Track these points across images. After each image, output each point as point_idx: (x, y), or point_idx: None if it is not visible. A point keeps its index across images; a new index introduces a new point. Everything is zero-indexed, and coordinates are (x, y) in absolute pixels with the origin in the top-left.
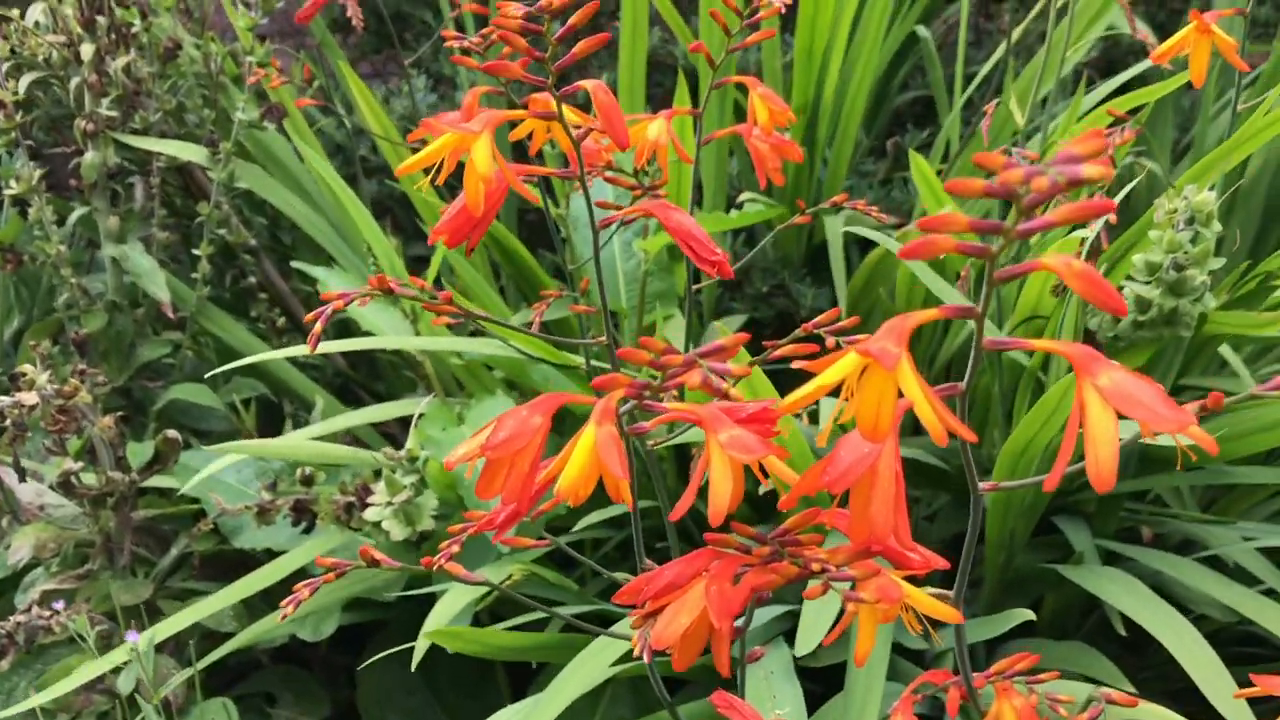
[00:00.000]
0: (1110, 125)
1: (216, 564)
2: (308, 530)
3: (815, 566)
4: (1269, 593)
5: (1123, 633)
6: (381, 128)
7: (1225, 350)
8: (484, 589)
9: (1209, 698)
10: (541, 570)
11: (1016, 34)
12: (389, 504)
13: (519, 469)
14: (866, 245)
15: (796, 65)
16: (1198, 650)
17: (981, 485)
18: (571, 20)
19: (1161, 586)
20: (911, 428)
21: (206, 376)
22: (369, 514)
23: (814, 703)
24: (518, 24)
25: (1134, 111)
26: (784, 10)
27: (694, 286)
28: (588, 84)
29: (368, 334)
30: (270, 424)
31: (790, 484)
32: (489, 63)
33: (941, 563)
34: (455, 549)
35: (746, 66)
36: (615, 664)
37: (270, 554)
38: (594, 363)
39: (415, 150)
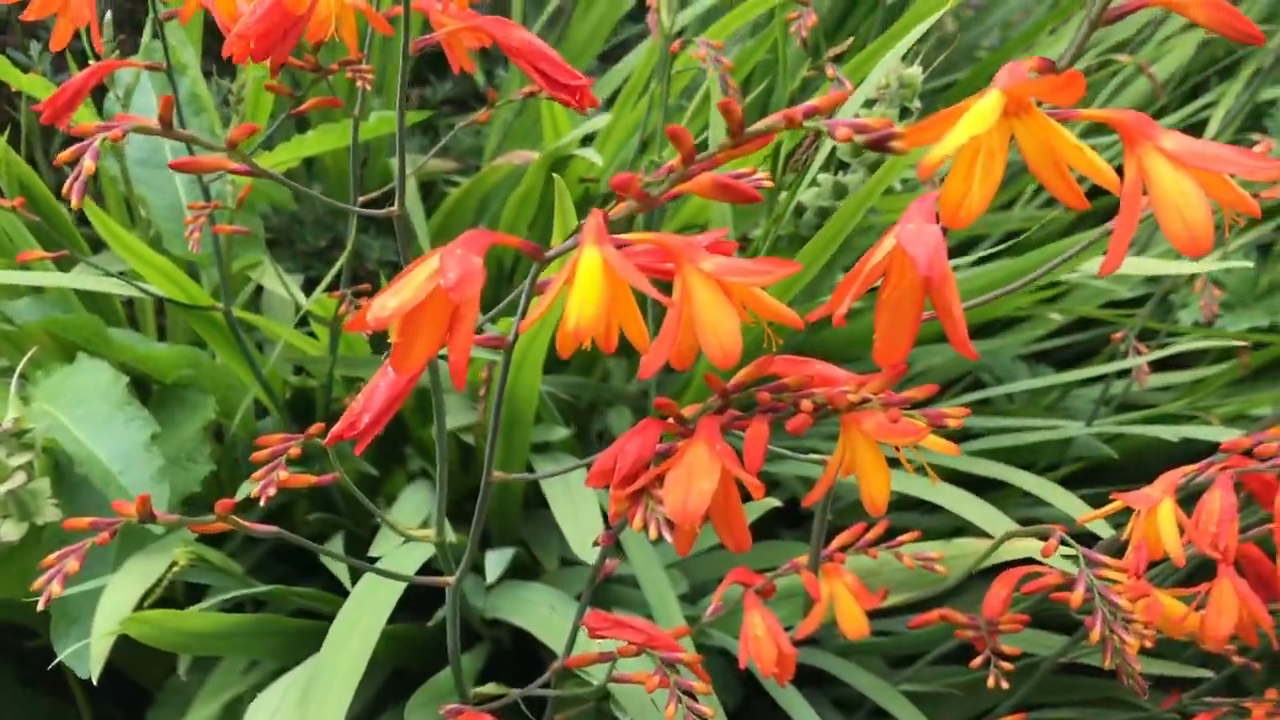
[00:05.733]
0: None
1: None
2: None
3: (853, 398)
4: None
5: None
6: None
7: None
8: (149, 580)
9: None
10: (207, 551)
11: None
12: None
13: (465, 320)
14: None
15: None
16: None
17: None
18: None
19: None
20: None
21: None
22: None
23: None
24: None
25: None
26: None
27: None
28: None
29: None
30: None
31: (783, 320)
32: None
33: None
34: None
35: None
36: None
37: None
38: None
39: None
